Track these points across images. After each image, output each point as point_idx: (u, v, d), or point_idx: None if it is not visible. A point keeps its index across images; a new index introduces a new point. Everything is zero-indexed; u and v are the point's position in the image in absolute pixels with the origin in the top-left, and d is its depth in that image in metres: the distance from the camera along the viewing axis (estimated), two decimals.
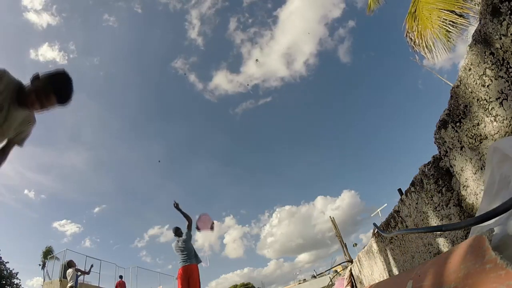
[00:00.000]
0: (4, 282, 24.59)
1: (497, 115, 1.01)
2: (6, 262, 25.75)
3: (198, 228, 5.31)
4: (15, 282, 25.91)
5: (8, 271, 25.69)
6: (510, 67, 0.91)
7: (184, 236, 5.28)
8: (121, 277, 12.49)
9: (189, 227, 5.37)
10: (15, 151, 1.67)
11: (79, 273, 9.18)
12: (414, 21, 6.05)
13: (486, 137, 1.08)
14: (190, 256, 5.10)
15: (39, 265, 30.87)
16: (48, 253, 26.75)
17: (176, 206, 5.28)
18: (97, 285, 14.37)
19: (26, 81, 1.52)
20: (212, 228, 5.45)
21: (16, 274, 26.14)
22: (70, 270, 8.88)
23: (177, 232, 5.48)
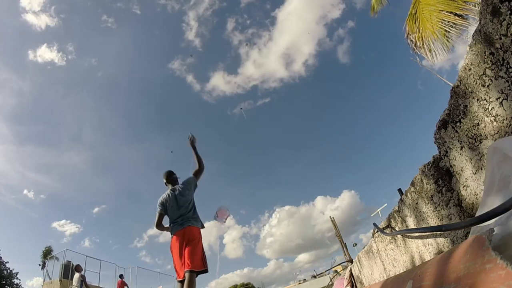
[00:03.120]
0: (4, 282, 24.58)
1: (497, 115, 1.01)
2: (6, 262, 25.76)
3: (215, 217, 4.53)
4: (15, 282, 25.91)
5: (8, 271, 25.69)
6: (510, 67, 0.91)
7: (184, 185, 3.39)
8: (121, 276, 12.44)
9: (198, 175, 3.48)
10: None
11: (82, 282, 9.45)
12: (415, 22, 6.06)
13: (486, 137, 1.08)
14: (192, 214, 3.25)
15: (39, 265, 30.88)
16: (48, 253, 26.77)
17: (192, 142, 3.53)
18: (97, 285, 14.35)
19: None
20: (225, 221, 4.70)
21: (16, 274, 26.16)
22: (77, 275, 9.25)
23: (171, 177, 3.50)
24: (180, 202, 3.26)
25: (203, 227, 3.33)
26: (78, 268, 9.56)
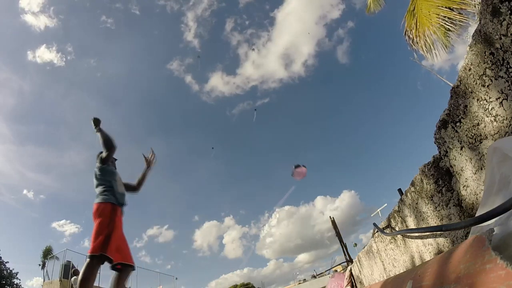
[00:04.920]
0: (4, 282, 24.60)
1: (497, 115, 1.01)
2: (6, 262, 25.78)
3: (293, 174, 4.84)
4: (15, 282, 25.92)
5: (8, 271, 25.70)
6: (510, 67, 0.91)
7: (98, 164, 3.15)
8: None
9: (105, 159, 3.13)
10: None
11: None
12: (413, 19, 6.06)
13: (486, 137, 1.08)
14: (98, 191, 2.97)
15: (39, 265, 30.85)
16: (48, 253, 26.76)
17: (96, 123, 3.21)
18: (97, 285, 14.36)
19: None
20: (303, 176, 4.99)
21: (16, 274, 26.17)
22: (73, 278, 9.59)
23: (97, 156, 3.34)
24: (94, 178, 3.09)
25: (105, 200, 2.86)
26: (76, 272, 10.02)
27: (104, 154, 3.14)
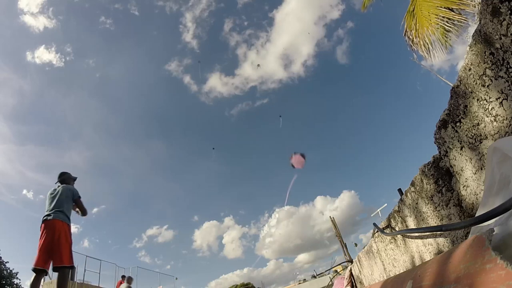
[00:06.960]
0: (4, 282, 24.59)
1: (497, 115, 1.01)
2: (6, 262, 25.77)
3: (292, 165, 4.91)
4: (15, 282, 25.91)
5: (8, 271, 25.69)
6: (510, 67, 0.91)
7: (70, 189, 3.88)
8: (123, 277, 12.42)
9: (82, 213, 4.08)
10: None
11: None
12: (413, 19, 6.07)
13: (486, 137, 1.08)
14: (62, 211, 3.66)
15: None
16: None
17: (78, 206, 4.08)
18: (97, 285, 14.34)
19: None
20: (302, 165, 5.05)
21: (16, 274, 26.14)
22: (125, 285, 9.41)
23: (62, 177, 4.05)
24: (58, 197, 3.78)
25: (69, 224, 3.77)
26: (129, 280, 9.75)
27: (83, 212, 4.05)
